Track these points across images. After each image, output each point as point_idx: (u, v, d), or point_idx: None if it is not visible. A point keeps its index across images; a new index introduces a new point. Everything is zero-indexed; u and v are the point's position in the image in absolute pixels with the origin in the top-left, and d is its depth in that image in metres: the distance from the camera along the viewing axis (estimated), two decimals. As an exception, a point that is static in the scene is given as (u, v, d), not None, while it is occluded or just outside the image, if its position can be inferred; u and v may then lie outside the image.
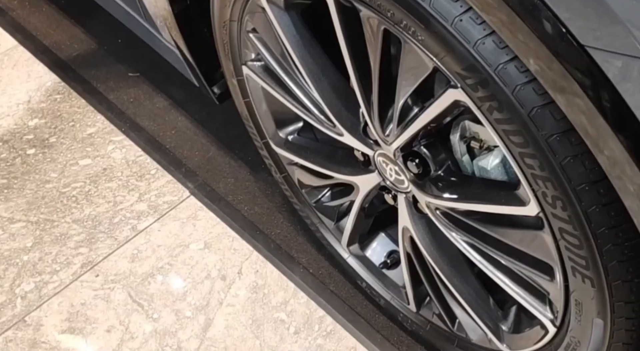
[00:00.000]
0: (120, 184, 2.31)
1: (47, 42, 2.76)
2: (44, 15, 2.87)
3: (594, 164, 1.13)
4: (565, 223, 1.20)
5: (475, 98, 1.20)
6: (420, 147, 1.47)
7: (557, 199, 1.18)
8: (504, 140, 1.20)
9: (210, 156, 2.34)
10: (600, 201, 1.16)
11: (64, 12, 2.86)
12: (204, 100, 2.44)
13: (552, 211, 1.21)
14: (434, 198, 1.46)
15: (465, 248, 1.48)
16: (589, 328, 1.31)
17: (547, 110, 1.13)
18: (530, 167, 1.19)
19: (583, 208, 1.16)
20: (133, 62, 2.63)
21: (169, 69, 2.51)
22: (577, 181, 1.15)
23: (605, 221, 1.17)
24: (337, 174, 1.72)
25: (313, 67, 1.56)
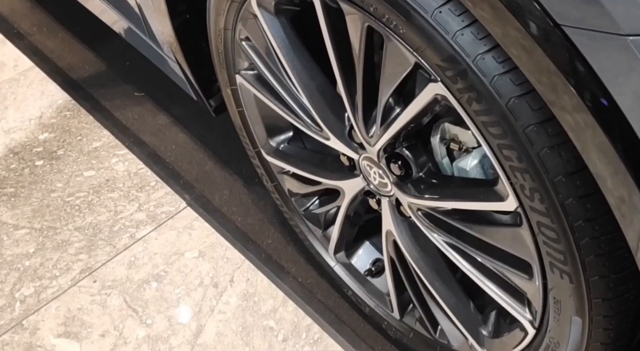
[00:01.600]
0: (122, 194, 2.22)
1: (60, 64, 2.70)
2: (59, 39, 2.81)
3: (571, 155, 1.04)
4: (543, 216, 1.10)
5: (455, 90, 1.11)
6: (403, 149, 1.38)
7: (535, 192, 1.09)
8: (483, 132, 1.11)
9: (207, 170, 2.25)
10: (577, 193, 1.06)
11: (78, 37, 2.80)
12: (203, 117, 2.38)
13: (530, 204, 1.11)
14: (416, 198, 1.37)
15: (446, 249, 1.38)
16: (567, 327, 1.20)
17: (524, 100, 1.05)
18: (508, 159, 1.09)
19: (560, 200, 1.07)
20: (139, 82, 2.56)
21: (172, 89, 2.46)
22: (554, 172, 1.06)
23: (582, 213, 1.07)
24: (324, 179, 1.63)
25: (301, 71, 1.48)
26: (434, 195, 1.34)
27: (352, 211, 1.65)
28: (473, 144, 1.31)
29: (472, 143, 1.31)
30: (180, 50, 1.86)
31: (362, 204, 1.65)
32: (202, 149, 2.32)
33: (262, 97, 1.63)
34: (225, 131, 2.31)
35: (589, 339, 1.18)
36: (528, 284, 1.24)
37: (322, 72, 1.49)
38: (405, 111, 1.25)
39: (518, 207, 1.14)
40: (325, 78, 1.49)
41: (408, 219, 1.48)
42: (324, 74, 1.49)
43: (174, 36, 1.82)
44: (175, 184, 2.22)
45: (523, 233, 1.17)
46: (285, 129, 1.75)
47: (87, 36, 2.80)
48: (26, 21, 2.93)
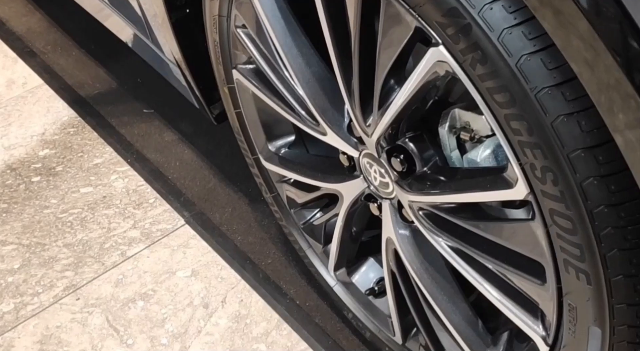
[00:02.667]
0: (117, 211, 2.07)
1: (70, 82, 2.59)
2: (72, 58, 2.71)
3: (593, 124, 0.87)
4: (556, 201, 0.92)
5: (457, 52, 0.95)
6: (406, 140, 1.22)
7: (547, 171, 0.91)
8: (488, 102, 0.95)
9: (210, 187, 2.10)
10: (598, 172, 0.88)
11: (92, 55, 2.70)
12: (212, 135, 2.25)
13: (542, 188, 0.93)
14: (418, 194, 1.20)
15: (450, 255, 1.20)
16: (584, 341, 1.01)
17: (538, 58, 0.88)
18: (517, 132, 0.92)
19: (577, 180, 0.89)
20: (149, 100, 2.43)
21: (182, 106, 2.35)
22: (571, 145, 0.88)
23: (604, 197, 0.89)
24: (323, 182, 1.47)
25: (297, 56, 1.34)
26: (436, 189, 1.17)
27: (351, 220, 1.48)
28: (487, 132, 1.14)
29: (486, 131, 1.14)
30: (180, 52, 1.73)
31: (363, 215, 1.48)
32: (207, 167, 2.17)
33: (258, 92, 1.48)
34: (233, 149, 2.15)
35: None
36: (540, 290, 1.05)
37: (319, 59, 1.34)
38: (404, 88, 1.09)
39: (528, 194, 0.97)
40: (323, 65, 1.34)
41: (410, 224, 1.31)
42: (321, 62, 1.34)
43: (173, 37, 1.69)
44: (175, 201, 2.07)
45: (534, 227, 0.99)
46: (284, 133, 1.60)
47: (100, 55, 2.69)
48: (41, 40, 2.84)
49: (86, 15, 2.79)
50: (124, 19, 2.03)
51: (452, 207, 1.16)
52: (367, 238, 1.61)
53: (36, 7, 3.03)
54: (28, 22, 2.94)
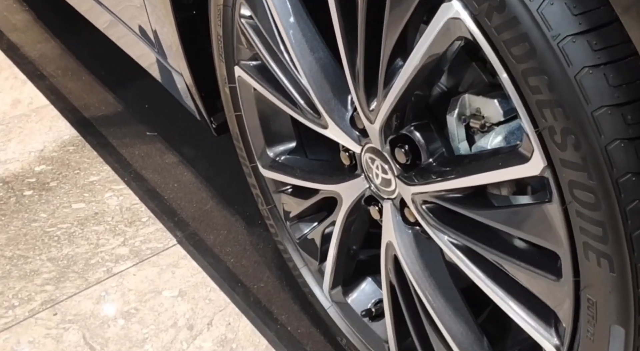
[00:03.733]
0: (108, 228, 1.96)
1: (76, 103, 2.51)
2: (82, 82, 2.64)
3: (622, 78, 0.75)
4: (577, 170, 0.80)
5: (472, 4, 0.84)
6: (411, 128, 1.10)
7: (568, 134, 0.79)
8: (505, 58, 0.83)
9: (207, 209, 1.98)
10: (626, 133, 0.76)
11: (101, 81, 2.63)
12: (214, 158, 2.15)
13: (561, 156, 0.81)
14: (422, 184, 1.07)
15: (456, 255, 1.07)
16: (604, 345, 0.87)
17: (562, 1, 0.77)
18: (535, 90, 0.81)
19: (602, 144, 0.77)
20: (154, 123, 2.35)
21: (186, 130, 2.28)
22: (596, 102, 0.76)
23: (632, 163, 0.76)
24: (322, 185, 1.35)
25: (302, 42, 1.24)
26: (441, 177, 1.04)
27: (349, 230, 1.35)
28: (498, 118, 1.02)
29: (497, 117, 1.02)
30: (185, 59, 1.64)
31: (361, 226, 1.36)
32: (206, 189, 2.06)
33: (259, 87, 1.38)
34: (234, 173, 2.05)
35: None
36: (555, 288, 0.91)
37: (324, 45, 1.24)
38: (411, 57, 0.98)
39: (545, 168, 0.84)
40: (327, 51, 1.23)
41: (412, 227, 1.18)
42: (326, 48, 1.23)
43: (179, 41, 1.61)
44: (168, 221, 1.95)
45: (550, 209, 0.86)
46: (285, 139, 1.49)
47: (110, 80, 2.62)
48: (52, 65, 2.78)
49: (100, 42, 2.75)
50: (129, 29, 1.96)
51: (458, 197, 1.03)
52: (365, 257, 1.47)
53: (52, 36, 2.98)
54: (42, 49, 2.89)
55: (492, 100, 1.01)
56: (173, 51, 1.68)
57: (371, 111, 1.11)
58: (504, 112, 1.01)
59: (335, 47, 1.19)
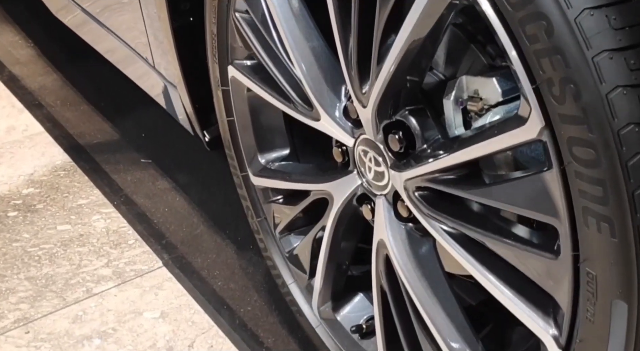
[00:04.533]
0: (92, 249, 1.91)
1: (72, 131, 2.50)
2: (79, 111, 2.64)
3: (625, 20, 0.72)
4: (577, 123, 0.76)
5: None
6: (405, 113, 1.06)
7: (567, 84, 0.75)
8: (500, 7, 0.80)
9: (197, 233, 1.94)
10: (629, 80, 0.72)
11: (100, 111, 2.62)
12: (207, 185, 2.12)
13: (560, 111, 0.77)
14: (415, 167, 1.03)
15: (450, 244, 1.01)
16: (605, 326, 0.81)
17: None
18: (533, 39, 0.77)
19: (603, 91, 0.73)
20: (149, 151, 2.32)
21: (181, 158, 2.26)
22: (598, 46, 0.73)
23: (635, 113, 0.72)
24: (313, 184, 1.31)
25: (295, 29, 1.21)
26: (435, 157, 1.00)
27: (340, 235, 1.30)
28: (497, 98, 0.98)
29: (496, 97, 0.98)
30: (180, 68, 1.62)
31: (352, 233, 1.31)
32: (197, 214, 2.01)
33: (252, 85, 1.35)
34: (227, 200, 2.02)
35: (639, 340, 0.78)
36: (553, 267, 0.86)
37: (318, 34, 1.21)
38: (405, 24, 0.94)
39: (543, 128, 0.80)
40: (322, 41, 1.21)
41: (406, 224, 1.13)
42: (320, 36, 1.21)
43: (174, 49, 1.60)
44: (155, 244, 1.90)
45: (548, 178, 0.82)
46: (278, 145, 1.45)
47: (109, 111, 2.61)
48: (52, 95, 2.78)
49: (101, 76, 2.77)
50: (124, 43, 1.95)
51: (452, 178, 0.99)
52: (356, 273, 1.42)
53: (54, 70, 3.00)
54: (43, 81, 2.90)
55: (491, 79, 0.98)
56: (168, 61, 1.66)
57: (364, 94, 1.08)
58: (502, 91, 0.97)
59: (328, 38, 1.17)
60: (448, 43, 1.05)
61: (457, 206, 1.01)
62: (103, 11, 2.04)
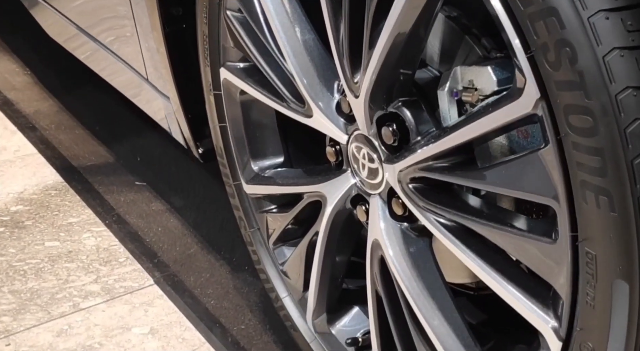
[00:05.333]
0: (81, 265, 1.92)
1: (65, 153, 2.52)
2: (74, 135, 2.67)
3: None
4: (573, 89, 0.77)
5: None
6: (399, 105, 1.08)
7: (563, 47, 0.76)
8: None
9: (191, 253, 1.95)
10: (626, 41, 0.74)
11: (95, 135, 2.65)
12: (203, 208, 2.13)
13: (556, 78, 0.78)
14: (409, 156, 1.05)
15: (446, 237, 1.03)
16: (606, 309, 0.82)
17: None
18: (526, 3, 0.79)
19: (600, 53, 0.74)
20: (144, 174, 2.35)
21: (176, 182, 2.29)
22: (594, 6, 0.75)
23: (633, 75, 0.74)
24: (306, 186, 1.32)
25: (286, 22, 1.25)
26: (428, 144, 1.02)
27: (334, 241, 1.31)
28: (492, 87, 1.00)
29: (491, 87, 1.00)
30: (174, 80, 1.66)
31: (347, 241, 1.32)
32: (191, 235, 2.02)
33: (244, 85, 1.38)
34: (223, 222, 2.03)
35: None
36: (552, 252, 0.87)
37: (311, 28, 1.25)
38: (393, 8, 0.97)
39: (539, 100, 0.81)
40: (314, 34, 1.24)
41: (401, 222, 1.14)
42: (312, 30, 1.24)
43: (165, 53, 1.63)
44: (147, 261, 1.91)
45: (544, 155, 0.83)
46: (271, 153, 1.48)
47: (104, 135, 2.65)
48: (46, 119, 2.82)
49: (98, 102, 2.81)
50: (117, 57, 1.99)
51: (445, 166, 1.01)
52: (354, 287, 1.43)
53: (50, 96, 3.04)
54: (38, 106, 2.94)
55: (485, 68, 1.00)
56: (160, 71, 1.69)
57: (356, 84, 1.10)
58: (497, 80, 0.99)
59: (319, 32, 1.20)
60: (442, 35, 1.08)
61: (453, 197, 1.03)
62: (94, 23, 2.08)
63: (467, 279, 1.25)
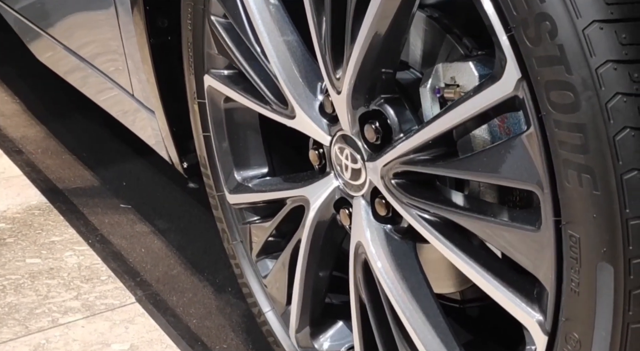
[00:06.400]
0: (61, 282, 1.91)
1: (51, 176, 2.53)
2: (61, 159, 2.67)
3: None
4: (553, 64, 0.78)
5: None
6: (382, 102, 1.09)
7: (542, 22, 0.77)
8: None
9: (174, 273, 1.94)
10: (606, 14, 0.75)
11: (82, 160, 2.66)
12: (187, 231, 2.15)
13: (536, 54, 0.79)
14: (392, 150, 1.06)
15: (430, 232, 1.03)
16: (591, 297, 0.82)
17: None
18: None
19: (580, 26, 0.76)
20: (129, 197, 2.36)
21: (162, 205, 2.29)
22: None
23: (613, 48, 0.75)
24: (288, 191, 1.33)
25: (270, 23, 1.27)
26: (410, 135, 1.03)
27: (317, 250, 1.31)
28: (474, 83, 1.01)
29: (473, 82, 1.01)
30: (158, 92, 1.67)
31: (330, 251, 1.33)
32: (175, 256, 2.02)
33: (228, 91, 1.39)
34: (208, 244, 2.03)
35: (627, 307, 0.78)
36: (535, 240, 0.87)
37: (293, 28, 1.27)
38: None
39: (520, 80, 0.82)
40: (297, 37, 1.27)
41: (385, 224, 1.14)
42: (295, 31, 1.27)
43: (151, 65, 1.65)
44: (129, 280, 1.91)
45: (526, 139, 0.84)
46: (255, 162, 1.48)
47: (91, 160, 2.66)
48: (33, 144, 2.83)
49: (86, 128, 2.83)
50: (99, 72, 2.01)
51: (428, 159, 1.02)
52: (338, 302, 1.43)
53: (38, 122, 3.05)
54: (25, 131, 2.95)
55: (467, 63, 1.02)
56: (146, 85, 1.70)
57: (338, 79, 1.11)
58: (479, 76, 1.00)
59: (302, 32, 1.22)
60: (424, 34, 1.10)
61: (436, 191, 1.04)
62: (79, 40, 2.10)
63: (452, 289, 1.25)
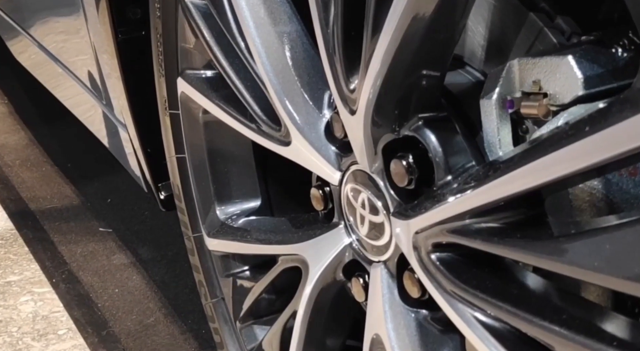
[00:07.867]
0: (9, 341, 1.51)
1: (24, 194, 2.15)
2: (40, 173, 2.30)
3: None
4: None
5: None
6: (418, 125, 0.66)
7: None
8: None
9: (150, 323, 1.53)
10: None
11: (64, 173, 2.29)
12: (172, 264, 1.75)
13: None
14: (434, 209, 0.63)
15: (486, 345, 0.60)
16: None
17: None
18: None
19: None
20: (111, 219, 1.96)
21: (149, 229, 1.89)
22: None
23: None
24: (280, 246, 0.91)
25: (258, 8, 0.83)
26: (468, 190, 0.59)
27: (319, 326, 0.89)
28: (575, 91, 0.58)
29: (573, 91, 0.58)
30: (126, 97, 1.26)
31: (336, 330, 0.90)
32: (153, 299, 1.62)
33: (201, 99, 0.97)
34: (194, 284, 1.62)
35: None
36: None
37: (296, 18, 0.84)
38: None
39: None
40: (299, 27, 0.83)
41: (416, 310, 0.72)
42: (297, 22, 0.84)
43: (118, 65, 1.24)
44: (93, 335, 1.51)
45: None
46: (243, 193, 1.06)
47: (74, 173, 2.29)
48: (12, 154, 2.47)
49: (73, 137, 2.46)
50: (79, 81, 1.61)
51: (494, 228, 0.58)
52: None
53: (22, 128, 2.72)
54: (6, 139, 2.61)
55: (564, 58, 0.58)
56: (116, 93, 1.30)
57: (352, 91, 0.69)
58: (584, 78, 0.58)
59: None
60: (491, 12, 0.67)
61: (503, 280, 0.60)
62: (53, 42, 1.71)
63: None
